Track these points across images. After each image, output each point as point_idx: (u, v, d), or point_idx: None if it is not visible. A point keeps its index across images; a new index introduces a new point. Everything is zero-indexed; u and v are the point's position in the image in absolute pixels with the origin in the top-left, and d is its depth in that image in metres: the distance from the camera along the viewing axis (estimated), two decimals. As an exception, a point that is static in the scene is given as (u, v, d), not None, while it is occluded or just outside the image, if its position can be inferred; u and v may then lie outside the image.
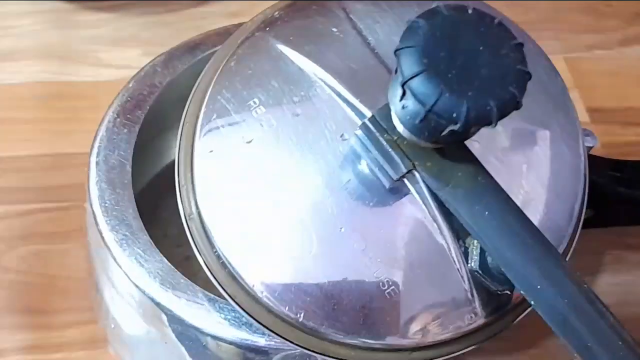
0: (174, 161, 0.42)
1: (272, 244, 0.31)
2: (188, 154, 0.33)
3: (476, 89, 0.26)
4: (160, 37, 0.54)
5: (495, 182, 0.29)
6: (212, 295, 0.35)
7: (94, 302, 0.42)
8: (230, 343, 0.35)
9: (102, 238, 0.36)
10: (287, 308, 0.31)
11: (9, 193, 0.48)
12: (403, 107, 0.27)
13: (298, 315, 0.31)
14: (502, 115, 0.26)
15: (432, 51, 0.26)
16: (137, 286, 0.35)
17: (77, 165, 0.49)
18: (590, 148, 0.36)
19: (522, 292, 0.28)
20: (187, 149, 0.33)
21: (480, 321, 0.32)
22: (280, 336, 0.31)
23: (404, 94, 0.26)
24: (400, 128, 0.29)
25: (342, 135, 0.32)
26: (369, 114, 0.31)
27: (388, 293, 0.31)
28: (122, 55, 0.54)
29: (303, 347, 0.31)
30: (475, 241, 0.31)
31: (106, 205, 0.37)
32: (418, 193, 0.31)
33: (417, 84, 0.26)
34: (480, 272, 0.31)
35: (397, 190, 0.31)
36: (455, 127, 0.26)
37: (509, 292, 0.31)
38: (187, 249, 0.45)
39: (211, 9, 0.56)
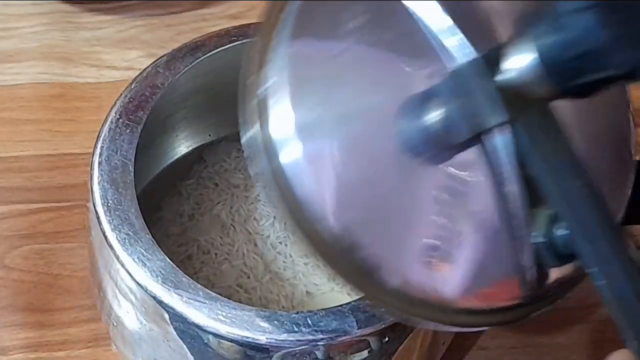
0: (176, 161, 0.43)
1: (334, 171, 0.29)
2: (264, 50, 0.30)
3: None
4: (161, 38, 0.55)
5: (575, 152, 0.27)
6: (214, 294, 0.35)
7: (96, 300, 0.43)
8: (232, 341, 0.35)
9: (105, 237, 0.37)
10: (347, 245, 0.29)
11: (13, 193, 0.49)
12: (555, 38, 0.24)
13: (357, 254, 0.28)
14: None
15: None
16: (139, 284, 0.36)
17: (80, 165, 0.49)
18: None
19: (590, 270, 0.27)
20: (265, 47, 0.30)
21: (530, 293, 0.30)
22: (335, 270, 0.29)
23: (559, 26, 0.24)
24: (513, 74, 0.26)
25: (430, 75, 0.28)
26: (468, 53, 0.28)
27: (444, 250, 0.29)
28: (124, 56, 0.54)
29: (353, 286, 0.29)
30: (545, 212, 0.28)
31: (109, 204, 0.37)
32: (498, 151, 0.28)
33: (587, 18, 0.23)
34: (544, 244, 0.28)
35: (471, 144, 0.28)
36: (618, 73, 0.24)
37: (564, 270, 0.29)
38: (189, 247, 0.45)
39: (212, 11, 0.56)
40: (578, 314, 0.47)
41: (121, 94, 0.40)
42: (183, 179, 0.47)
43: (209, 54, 0.41)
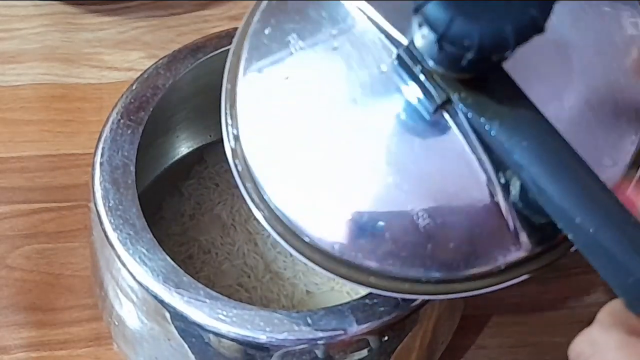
0: (176, 161, 0.43)
1: (307, 176, 0.31)
2: (231, 94, 0.32)
3: (492, 13, 0.24)
4: (162, 40, 0.55)
5: (538, 111, 0.28)
6: (214, 293, 0.36)
7: (98, 299, 0.43)
8: (232, 340, 0.35)
9: (107, 237, 0.37)
10: (323, 242, 0.30)
11: (14, 193, 0.49)
12: (422, 37, 0.26)
13: (333, 247, 0.30)
14: (520, 40, 0.25)
15: None
16: (140, 284, 0.36)
17: (82, 165, 0.49)
18: None
19: (560, 226, 0.27)
20: (231, 91, 0.33)
21: (525, 253, 0.31)
22: (318, 265, 0.31)
23: (420, 22, 0.25)
24: (429, 61, 0.28)
25: (379, 68, 0.31)
26: (404, 43, 0.30)
27: (424, 227, 0.30)
28: (125, 57, 0.54)
29: (341, 277, 0.31)
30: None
31: (110, 205, 0.37)
32: (457, 125, 0.30)
33: (429, 9, 0.25)
34: (521, 204, 0.29)
35: (436, 124, 0.30)
36: (470, 55, 0.25)
37: (555, 225, 0.29)
38: (190, 247, 0.45)
39: (213, 12, 0.56)
40: (578, 313, 0.48)
41: (122, 95, 0.41)
42: (184, 179, 0.48)
43: (209, 55, 0.42)
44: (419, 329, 0.38)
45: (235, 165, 0.32)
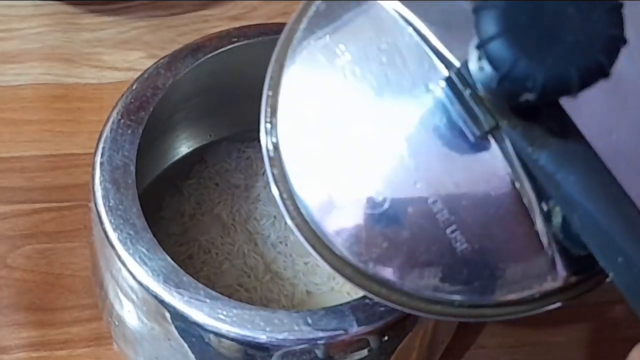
0: (177, 161, 0.43)
1: (347, 194, 0.30)
2: (274, 103, 0.32)
3: (557, 55, 0.24)
4: (162, 39, 0.55)
5: (588, 146, 0.27)
6: (215, 293, 0.36)
7: (98, 299, 0.43)
8: (232, 340, 0.35)
9: (107, 237, 0.37)
10: (357, 258, 0.30)
11: (15, 193, 0.49)
12: (480, 69, 0.26)
13: (368, 266, 0.30)
14: (585, 84, 0.24)
15: (513, 12, 0.24)
16: (140, 284, 0.36)
17: (82, 165, 0.49)
18: None
19: (601, 263, 0.27)
20: (274, 98, 0.32)
21: (559, 283, 0.30)
22: (354, 282, 0.31)
23: (480, 56, 0.25)
24: (480, 87, 0.27)
25: (427, 86, 0.30)
26: (457, 65, 0.29)
27: (461, 251, 0.29)
28: (126, 57, 0.54)
29: (377, 296, 0.31)
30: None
31: (110, 204, 0.37)
32: (503, 151, 0.29)
33: (493, 47, 0.24)
34: (562, 235, 0.29)
35: (480, 147, 0.29)
36: (530, 96, 0.24)
37: (593, 257, 0.29)
38: (190, 247, 0.45)
39: (213, 12, 0.56)
40: (578, 313, 0.48)
41: (122, 95, 0.41)
42: (184, 179, 0.48)
43: (209, 55, 0.42)
44: (419, 329, 0.38)
45: (273, 174, 0.31)
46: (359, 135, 0.31)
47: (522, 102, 0.25)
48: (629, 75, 0.30)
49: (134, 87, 0.41)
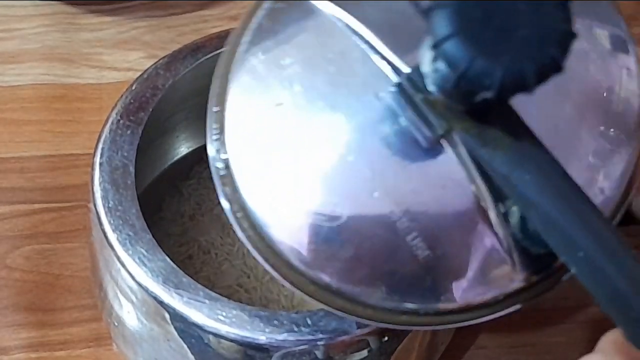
0: (177, 161, 0.43)
1: (301, 205, 0.30)
2: (221, 118, 0.31)
3: (512, 52, 0.24)
4: (162, 40, 0.55)
5: (540, 144, 0.27)
6: (214, 294, 0.36)
7: (97, 300, 0.43)
8: (232, 340, 0.35)
9: (106, 237, 0.37)
10: (318, 273, 0.30)
11: (14, 193, 0.49)
12: (435, 71, 0.25)
13: (331, 280, 0.30)
14: (540, 80, 0.24)
15: (467, 11, 0.24)
16: (140, 285, 0.36)
17: (81, 166, 0.49)
18: None
19: (563, 259, 0.27)
20: (220, 114, 0.32)
21: (521, 283, 0.30)
22: (317, 299, 0.30)
23: (435, 57, 0.25)
24: (433, 90, 0.27)
25: (377, 94, 0.29)
26: (406, 71, 0.29)
27: (423, 258, 0.29)
28: (125, 57, 0.54)
29: (341, 311, 0.30)
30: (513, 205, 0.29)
31: (110, 205, 0.37)
32: (457, 154, 0.29)
33: (448, 47, 0.24)
34: (520, 235, 0.29)
35: (434, 152, 0.29)
36: (489, 94, 0.24)
37: (552, 254, 0.29)
38: (190, 247, 0.45)
39: (212, 13, 0.56)
40: (577, 313, 0.48)
41: (122, 95, 0.41)
42: (183, 179, 0.48)
43: (209, 55, 0.42)
44: (418, 330, 0.38)
45: (225, 192, 0.31)
46: (311, 147, 0.30)
47: (479, 101, 0.25)
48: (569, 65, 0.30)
49: (133, 88, 0.41)
